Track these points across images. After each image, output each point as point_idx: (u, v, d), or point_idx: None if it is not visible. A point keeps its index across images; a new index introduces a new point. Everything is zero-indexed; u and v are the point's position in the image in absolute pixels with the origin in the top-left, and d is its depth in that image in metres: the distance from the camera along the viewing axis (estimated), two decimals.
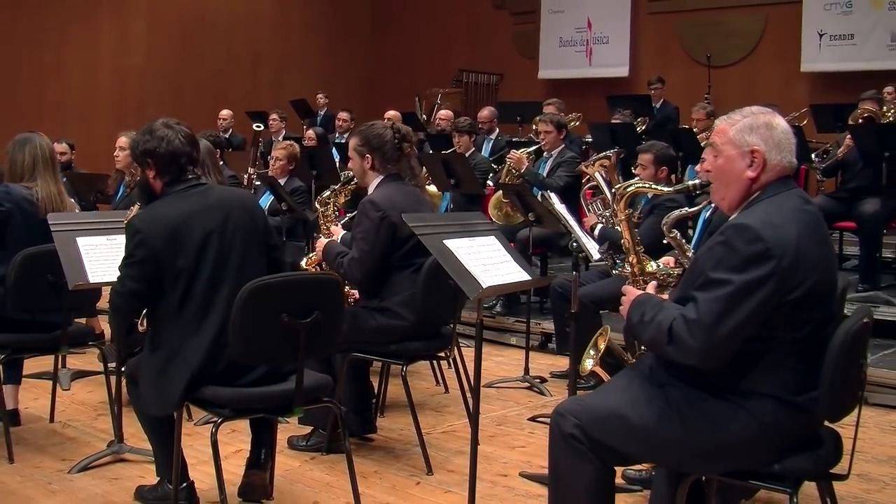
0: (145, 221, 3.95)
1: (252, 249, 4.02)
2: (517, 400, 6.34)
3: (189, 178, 4.09)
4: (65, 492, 4.54)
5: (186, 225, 3.90)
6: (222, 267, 3.89)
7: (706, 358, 3.00)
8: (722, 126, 3.25)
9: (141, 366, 4.09)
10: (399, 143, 5.06)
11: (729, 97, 13.61)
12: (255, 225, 4.10)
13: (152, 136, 4.04)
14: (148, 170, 4.08)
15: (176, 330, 3.90)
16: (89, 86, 15.81)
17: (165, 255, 3.86)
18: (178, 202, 3.99)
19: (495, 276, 3.69)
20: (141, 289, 3.92)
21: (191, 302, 3.88)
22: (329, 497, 4.54)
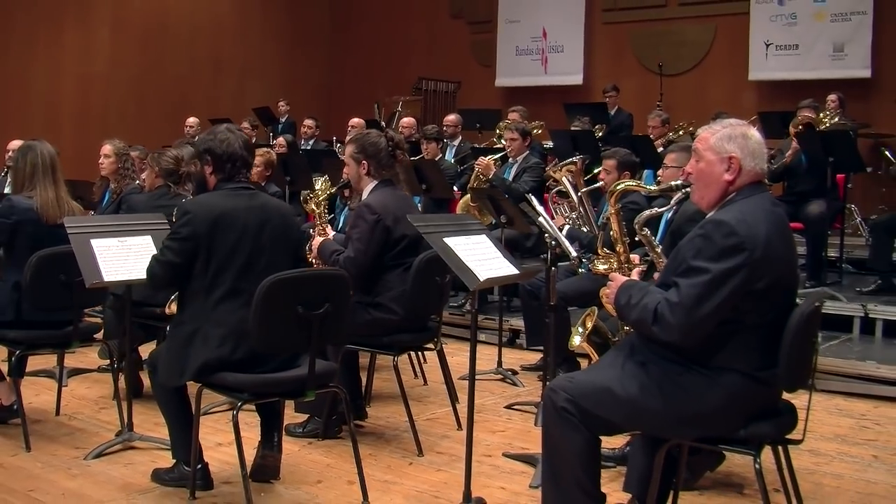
0: (195, 205, 4.40)
1: (280, 255, 4.42)
2: (492, 390, 6.77)
3: (240, 180, 4.50)
4: (84, 476, 4.89)
5: (228, 218, 4.32)
6: (251, 264, 4.29)
7: (686, 337, 3.45)
8: (704, 134, 3.72)
9: (167, 339, 4.49)
10: (392, 151, 5.49)
11: (680, 104, 14.14)
12: (287, 235, 4.55)
13: (215, 137, 4.49)
14: (206, 166, 4.52)
15: (201, 312, 4.31)
16: (53, 93, 15.95)
17: (204, 239, 4.28)
18: (226, 198, 4.41)
19: (490, 270, 4.12)
20: (177, 262, 4.33)
21: (217, 289, 4.30)
22: (331, 476, 4.94)
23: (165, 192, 6.47)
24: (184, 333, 4.35)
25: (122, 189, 7.79)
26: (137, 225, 5.25)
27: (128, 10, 16.87)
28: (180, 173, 6.55)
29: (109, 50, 16.66)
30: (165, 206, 6.20)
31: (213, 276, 4.31)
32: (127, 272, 5.00)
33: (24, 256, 5.34)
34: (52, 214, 5.55)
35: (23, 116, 15.13)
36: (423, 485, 4.86)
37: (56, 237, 5.35)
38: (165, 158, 6.55)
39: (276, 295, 4.08)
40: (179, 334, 4.39)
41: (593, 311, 4.22)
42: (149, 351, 6.38)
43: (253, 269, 4.28)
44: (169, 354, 4.44)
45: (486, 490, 4.65)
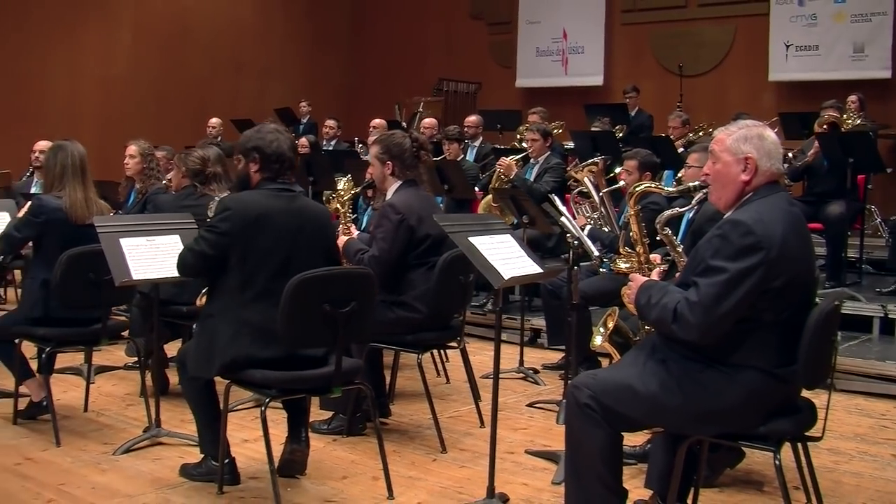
0: (235, 202, 4.47)
1: (315, 259, 4.47)
2: (514, 389, 6.83)
3: (282, 182, 4.56)
4: (114, 470, 4.98)
5: (268, 219, 4.39)
6: (286, 267, 4.34)
7: (705, 335, 3.50)
8: (720, 136, 3.78)
9: (196, 332, 4.57)
10: (417, 152, 5.57)
11: (700, 105, 14.17)
12: (323, 239, 4.63)
13: (264, 136, 4.55)
14: (252, 163, 4.58)
15: (232, 308, 4.39)
16: (74, 95, 16.07)
17: (241, 237, 4.35)
18: (266, 197, 4.48)
19: (514, 269, 4.19)
20: (210, 254, 4.41)
21: (250, 288, 4.37)
22: (356, 472, 5.02)
23: (192, 191, 6.55)
24: (213, 327, 4.43)
25: (147, 189, 7.90)
26: (166, 224, 5.32)
27: (149, 12, 16.99)
28: (206, 173, 6.62)
29: (131, 52, 16.78)
30: (192, 206, 6.29)
31: (246, 275, 4.38)
32: (155, 271, 5.08)
33: (53, 255, 5.45)
34: (81, 214, 5.63)
35: (44, 118, 15.24)
36: (446, 481, 4.93)
37: (84, 237, 5.45)
38: (192, 159, 6.63)
39: (304, 293, 4.16)
40: (209, 328, 4.46)
41: (614, 311, 4.28)
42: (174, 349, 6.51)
43: (287, 272, 4.30)
44: (198, 347, 4.53)
45: (508, 486, 4.72)
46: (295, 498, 4.63)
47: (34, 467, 5.00)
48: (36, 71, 15.54)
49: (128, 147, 8.14)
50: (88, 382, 6.27)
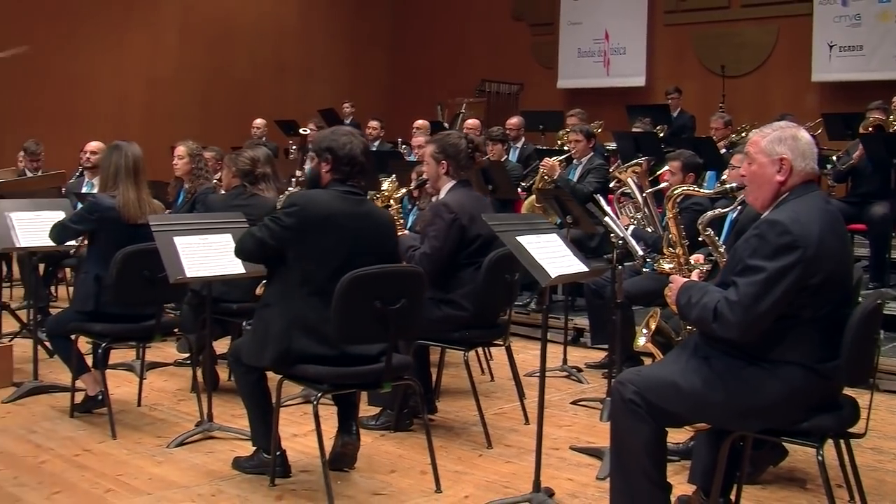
0: (303, 199, 4.60)
1: (374, 262, 4.51)
2: (558, 387, 6.91)
3: (351, 184, 4.68)
4: (168, 463, 5.11)
5: (332, 219, 4.50)
6: (345, 267, 4.40)
7: (745, 333, 3.58)
8: (755, 138, 3.86)
9: (253, 321, 4.73)
10: (472, 153, 5.67)
11: (743, 106, 14.17)
12: (385, 245, 4.74)
13: (338, 138, 4.66)
14: (324, 163, 4.69)
15: (289, 302, 4.51)
16: (122, 96, 16.32)
17: (304, 235, 4.47)
18: (335, 198, 4.60)
19: (560, 268, 4.27)
20: (269, 244, 4.54)
21: (308, 285, 4.48)
22: (404, 466, 5.13)
23: (241, 191, 6.67)
24: (270, 317, 4.55)
25: (195, 189, 8.03)
26: (218, 223, 5.44)
27: (194, 14, 17.22)
28: (256, 174, 6.75)
29: (177, 54, 17.01)
30: (241, 206, 6.42)
31: (306, 272, 4.49)
32: (208, 269, 5.21)
33: (106, 252, 5.62)
34: (133, 214, 5.78)
35: (93, 119, 15.48)
36: (492, 475, 5.02)
37: (136, 236, 5.62)
38: (242, 159, 6.76)
39: (355, 290, 4.27)
40: (266, 317, 4.59)
41: (656, 312, 4.35)
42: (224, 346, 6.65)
43: (346, 272, 4.37)
44: (254, 335, 4.67)
45: (554, 481, 4.80)
46: (345, 490, 4.74)
47: (92, 458, 5.15)
48: (85, 73, 15.79)
49: (176, 148, 8.28)
50: (141, 378, 6.42)
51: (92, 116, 15.52)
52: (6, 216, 6.35)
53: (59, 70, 15.42)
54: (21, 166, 11.20)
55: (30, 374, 6.54)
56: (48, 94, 15.15)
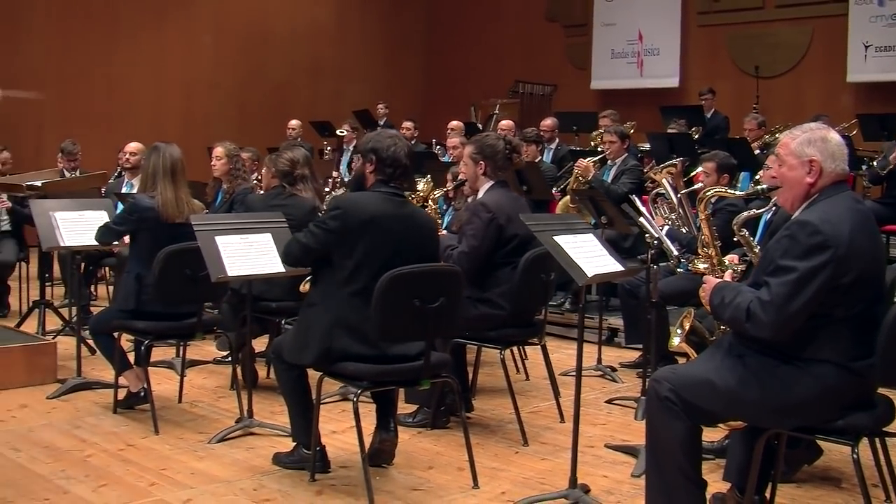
0: (347, 202, 4.70)
1: (417, 262, 4.60)
2: (592, 386, 6.96)
3: (395, 186, 4.76)
4: (210, 458, 5.22)
5: (377, 222, 4.59)
6: (388, 268, 4.48)
7: (778, 332, 3.64)
8: (785, 140, 3.92)
9: (297, 318, 4.84)
10: (509, 154, 5.75)
11: (777, 107, 14.14)
12: (428, 246, 4.82)
13: (382, 139, 4.76)
14: (368, 164, 4.78)
15: (333, 301, 4.60)
16: (158, 97, 16.47)
17: (349, 236, 4.56)
18: (378, 200, 4.68)
19: (597, 267, 4.33)
20: (315, 249, 4.65)
21: (352, 286, 4.57)
22: (441, 462, 5.21)
23: (280, 191, 6.77)
24: (313, 316, 4.65)
25: (234, 189, 8.16)
26: (259, 223, 5.53)
27: (229, 16, 17.35)
28: (295, 175, 6.85)
29: (212, 56, 17.13)
30: (280, 206, 6.52)
31: (350, 273, 4.58)
32: (249, 268, 5.29)
33: (146, 251, 5.74)
34: (171, 213, 5.90)
35: (131, 120, 15.62)
36: (529, 472, 5.09)
37: (175, 235, 5.75)
38: (282, 160, 6.86)
39: (395, 288, 4.35)
40: (309, 316, 4.68)
41: (690, 312, 4.40)
42: (262, 344, 6.76)
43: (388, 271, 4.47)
44: (297, 332, 4.77)
45: (589, 478, 4.86)
46: (384, 486, 4.82)
47: (136, 453, 5.27)
48: (123, 76, 15.95)
49: (215, 149, 8.41)
50: (182, 375, 6.53)
51: (130, 118, 15.67)
52: (51, 216, 6.49)
53: (97, 73, 15.59)
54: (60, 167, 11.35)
55: (73, 371, 6.67)
56: (87, 96, 15.32)
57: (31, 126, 14.67)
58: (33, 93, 7.31)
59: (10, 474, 4.88)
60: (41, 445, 5.36)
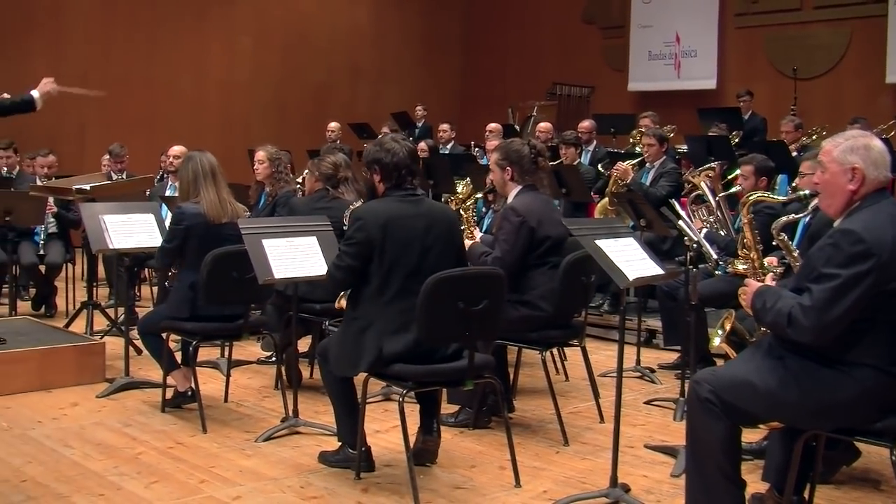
0: (365, 212, 4.80)
1: (445, 258, 4.77)
2: (631, 387, 7.02)
3: (407, 188, 4.87)
4: (258, 456, 5.34)
5: (397, 223, 4.70)
6: (419, 266, 4.65)
7: (818, 337, 3.71)
8: (827, 147, 3.98)
9: (339, 333, 4.95)
10: (535, 158, 5.84)
11: (815, 109, 14.13)
12: (451, 238, 4.92)
13: (381, 148, 4.87)
14: (374, 175, 4.91)
15: (373, 310, 4.71)
16: (199, 100, 16.66)
17: (376, 242, 4.67)
18: (393, 204, 4.80)
19: (638, 270, 4.42)
20: (356, 265, 4.74)
21: (388, 289, 4.68)
22: (483, 461, 5.31)
23: (324, 195, 6.91)
24: (357, 329, 4.75)
25: (276, 192, 8.29)
26: (304, 226, 5.65)
27: (269, 19, 17.53)
28: (338, 178, 6.98)
29: (251, 58, 17.32)
30: (324, 209, 6.67)
31: (383, 278, 4.69)
32: (294, 270, 5.41)
33: (196, 257, 5.86)
34: (217, 214, 6.03)
35: (171, 123, 15.81)
36: (570, 471, 5.18)
37: (221, 235, 5.92)
38: (325, 164, 6.99)
39: (439, 292, 4.45)
40: (352, 329, 4.78)
41: (731, 314, 4.48)
42: (305, 345, 6.88)
43: (420, 271, 4.61)
44: (342, 347, 4.85)
45: (629, 477, 4.94)
46: (427, 484, 4.92)
47: (185, 451, 5.40)
48: (164, 78, 16.16)
49: (257, 153, 8.54)
50: (228, 375, 6.66)
51: (171, 120, 15.87)
52: (100, 218, 6.63)
53: (139, 76, 15.79)
54: (106, 169, 11.53)
55: (121, 371, 6.82)
56: (129, 99, 15.49)
57: (73, 128, 14.88)
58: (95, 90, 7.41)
59: (65, 470, 5.02)
60: (93, 442, 5.51)
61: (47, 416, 6.04)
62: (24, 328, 7.50)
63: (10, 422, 5.88)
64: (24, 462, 5.15)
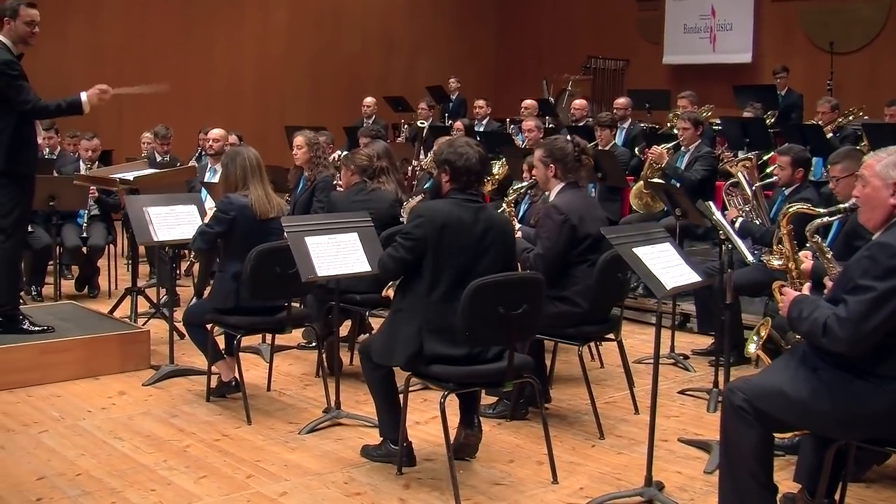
0: (426, 210, 4.94)
1: (496, 265, 4.88)
2: (665, 375, 7.08)
3: (471, 193, 4.99)
4: (301, 449, 5.50)
5: (454, 226, 4.82)
6: (469, 271, 4.76)
7: (853, 348, 3.80)
8: (869, 161, 4.05)
9: (383, 323, 5.12)
10: (578, 156, 5.93)
11: (851, 84, 14.10)
12: (505, 247, 5.02)
13: (454, 150, 4.98)
14: (443, 174, 5.03)
15: (420, 306, 4.85)
16: (234, 74, 16.82)
17: (433, 241, 4.80)
18: (454, 206, 4.92)
19: (674, 278, 4.52)
20: (408, 259, 4.88)
21: (437, 289, 4.81)
22: (521, 456, 5.44)
23: (362, 187, 7.02)
24: (401, 319, 4.90)
25: (315, 177, 8.45)
26: (345, 223, 5.76)
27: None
28: (374, 168, 7.10)
29: (286, 32, 17.40)
30: (363, 201, 6.80)
31: (433, 277, 4.82)
32: (337, 267, 5.53)
33: (240, 249, 6.00)
34: (264, 209, 6.16)
35: (207, 97, 16.00)
36: (605, 467, 5.31)
37: (266, 230, 6.06)
38: (359, 157, 7.10)
39: (481, 297, 4.56)
40: (397, 321, 4.94)
41: (767, 321, 4.57)
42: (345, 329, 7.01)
43: (471, 276, 4.70)
44: (384, 336, 5.01)
45: (663, 474, 5.06)
46: (467, 480, 5.05)
47: (231, 444, 5.56)
48: (200, 53, 16.33)
49: (295, 138, 8.68)
50: (271, 365, 6.80)
51: (207, 95, 16.05)
52: (144, 211, 6.77)
53: (174, 51, 15.94)
54: (149, 148, 11.67)
55: (165, 356, 7.01)
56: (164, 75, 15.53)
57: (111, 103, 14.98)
58: (153, 85, 7.53)
59: (117, 464, 5.20)
60: (142, 434, 5.69)
61: (96, 405, 6.22)
62: (69, 313, 7.67)
63: (61, 411, 6.07)
64: (78, 454, 5.33)
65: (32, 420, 5.90)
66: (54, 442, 5.53)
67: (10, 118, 6.50)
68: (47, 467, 5.14)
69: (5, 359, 6.49)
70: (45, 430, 5.71)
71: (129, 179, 7.63)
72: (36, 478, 4.99)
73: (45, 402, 6.25)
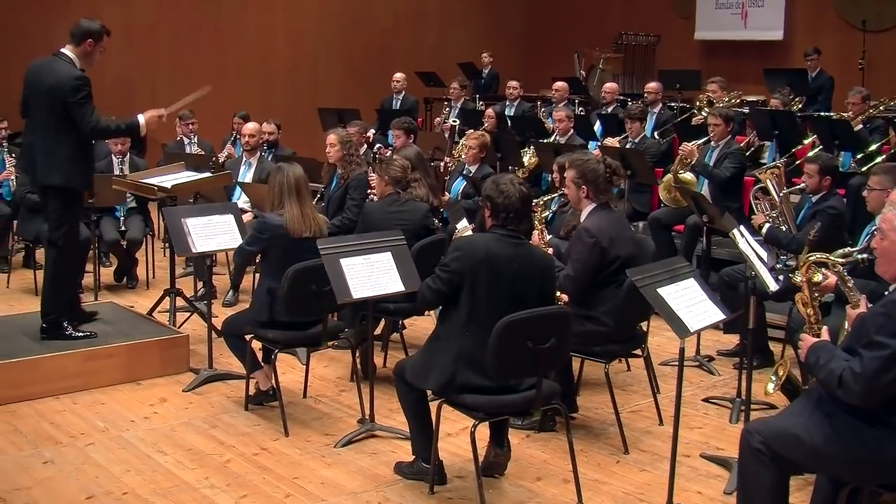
0: (467, 244, 5.16)
1: (533, 300, 5.05)
2: (689, 379, 7.24)
3: (510, 229, 5.14)
4: (337, 465, 5.71)
5: (493, 262, 5.01)
6: (507, 305, 4.91)
7: (866, 401, 3.97)
8: (889, 216, 4.20)
9: (423, 346, 5.37)
10: (610, 177, 6.08)
11: (884, 63, 14.06)
12: (543, 283, 5.18)
13: (497, 188, 5.16)
14: (485, 209, 5.24)
15: (456, 336, 5.04)
16: (266, 50, 16.86)
17: (469, 275, 4.99)
18: (494, 242, 5.10)
19: (698, 317, 4.70)
20: (444, 291, 5.09)
21: (473, 322, 5.00)
22: (548, 473, 5.63)
23: (396, 198, 7.17)
24: (439, 348, 5.11)
25: (348, 175, 8.64)
26: (379, 243, 5.94)
27: None
28: (408, 179, 7.25)
29: (317, 6, 17.41)
30: (397, 212, 6.97)
31: (471, 310, 5.01)
32: (371, 288, 5.73)
33: (277, 265, 6.22)
34: (298, 229, 6.34)
35: (239, 73, 16.10)
36: (629, 485, 5.49)
37: (302, 248, 6.23)
38: (393, 167, 7.23)
39: (510, 332, 4.74)
40: (435, 348, 5.16)
41: (786, 361, 4.72)
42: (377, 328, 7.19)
43: (508, 310, 4.85)
44: (421, 360, 5.24)
45: (684, 494, 5.26)
46: (496, 499, 5.26)
47: (270, 458, 5.77)
48: (232, 30, 16.37)
49: (328, 136, 8.85)
50: (307, 373, 7.02)
51: (239, 71, 16.14)
52: (182, 222, 6.96)
53: (207, 28, 16.03)
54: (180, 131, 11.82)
55: (202, 356, 7.27)
56: (197, 52, 15.76)
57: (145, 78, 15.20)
58: (197, 92, 7.69)
59: (161, 481, 5.43)
60: (184, 448, 5.91)
61: (139, 414, 6.46)
62: (110, 315, 7.88)
63: (106, 421, 6.32)
64: (123, 470, 5.57)
65: (79, 431, 6.15)
66: (101, 456, 5.76)
67: (70, 135, 6.75)
68: (95, 485, 5.37)
69: (53, 366, 6.75)
70: (91, 443, 5.95)
71: (166, 188, 7.81)
72: (85, 496, 5.23)
73: (90, 410, 6.50)
